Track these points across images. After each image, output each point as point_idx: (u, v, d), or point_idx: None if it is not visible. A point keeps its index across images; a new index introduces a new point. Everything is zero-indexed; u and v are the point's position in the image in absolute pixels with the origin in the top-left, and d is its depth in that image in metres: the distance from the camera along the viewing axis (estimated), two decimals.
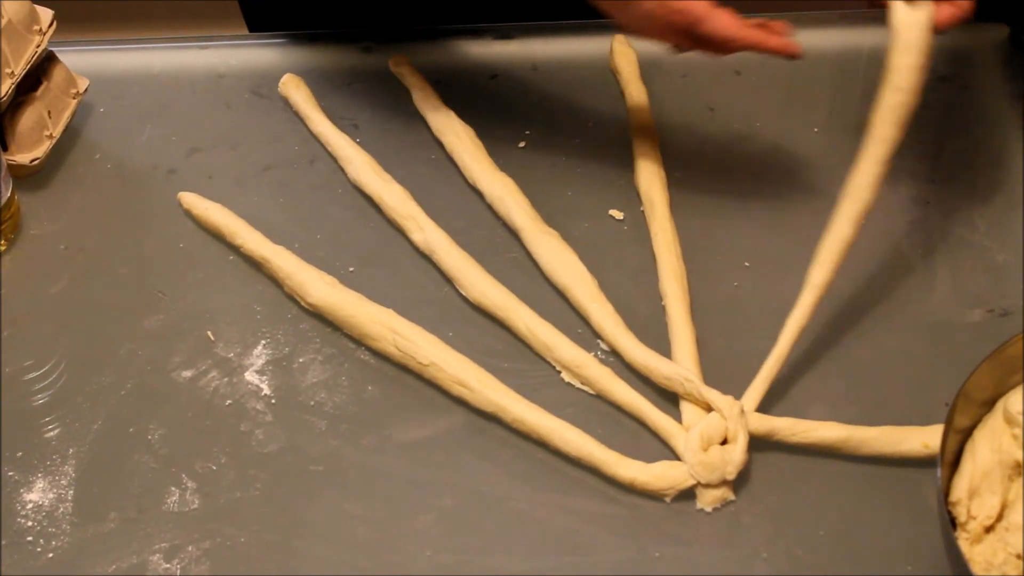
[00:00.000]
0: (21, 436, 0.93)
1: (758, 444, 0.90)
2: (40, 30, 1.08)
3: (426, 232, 1.03)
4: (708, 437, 0.88)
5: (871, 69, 1.18)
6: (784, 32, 0.97)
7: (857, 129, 1.12)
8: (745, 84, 1.17)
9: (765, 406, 0.92)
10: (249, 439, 0.93)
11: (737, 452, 0.88)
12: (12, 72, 1.05)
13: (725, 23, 0.93)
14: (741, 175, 1.10)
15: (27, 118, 1.07)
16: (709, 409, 0.91)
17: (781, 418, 0.91)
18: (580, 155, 1.11)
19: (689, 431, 0.90)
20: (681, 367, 0.93)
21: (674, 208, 1.05)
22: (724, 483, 0.88)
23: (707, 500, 0.88)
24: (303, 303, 0.99)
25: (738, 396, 0.91)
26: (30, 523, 0.89)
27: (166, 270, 1.04)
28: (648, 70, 1.16)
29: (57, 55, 1.12)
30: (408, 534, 0.88)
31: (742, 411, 0.89)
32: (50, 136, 1.09)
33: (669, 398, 0.94)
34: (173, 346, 0.98)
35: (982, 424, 0.84)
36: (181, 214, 1.07)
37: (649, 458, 0.90)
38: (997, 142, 1.11)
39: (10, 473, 0.91)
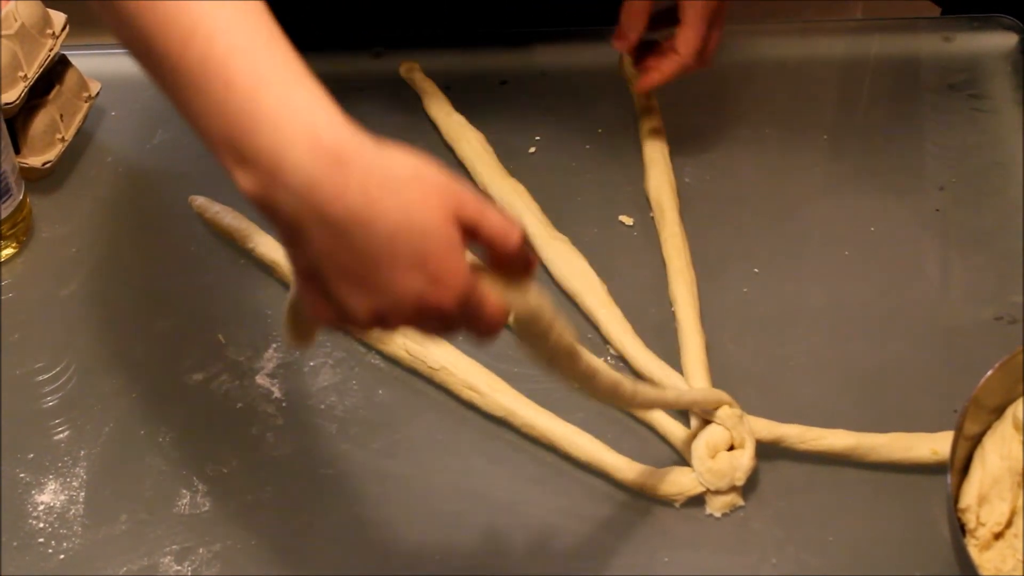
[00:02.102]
0: (32, 438, 0.93)
1: (767, 450, 0.90)
2: (53, 34, 1.09)
3: None
4: (713, 445, 0.88)
5: (879, 75, 1.19)
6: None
7: (865, 136, 1.13)
8: (755, 90, 1.17)
9: (774, 412, 0.92)
10: (260, 442, 0.93)
11: (745, 458, 0.88)
12: (25, 76, 1.05)
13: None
14: (751, 181, 1.10)
15: (39, 122, 1.08)
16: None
17: (790, 425, 0.91)
18: (590, 161, 1.11)
19: (695, 439, 0.90)
20: (680, 378, 0.93)
21: (683, 214, 1.05)
22: (733, 489, 0.88)
23: (716, 506, 0.88)
24: None
25: (746, 402, 0.91)
26: (41, 525, 0.89)
27: (177, 273, 1.04)
28: None
29: (69, 59, 1.12)
30: (418, 538, 0.88)
31: (741, 417, 0.89)
32: (62, 140, 1.10)
33: None
34: (184, 349, 0.99)
35: (992, 431, 0.84)
36: (192, 217, 1.07)
37: (658, 463, 0.90)
38: (1007, 149, 1.11)
39: (21, 475, 0.91)
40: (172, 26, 0.63)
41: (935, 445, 0.89)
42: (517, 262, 0.68)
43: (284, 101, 0.62)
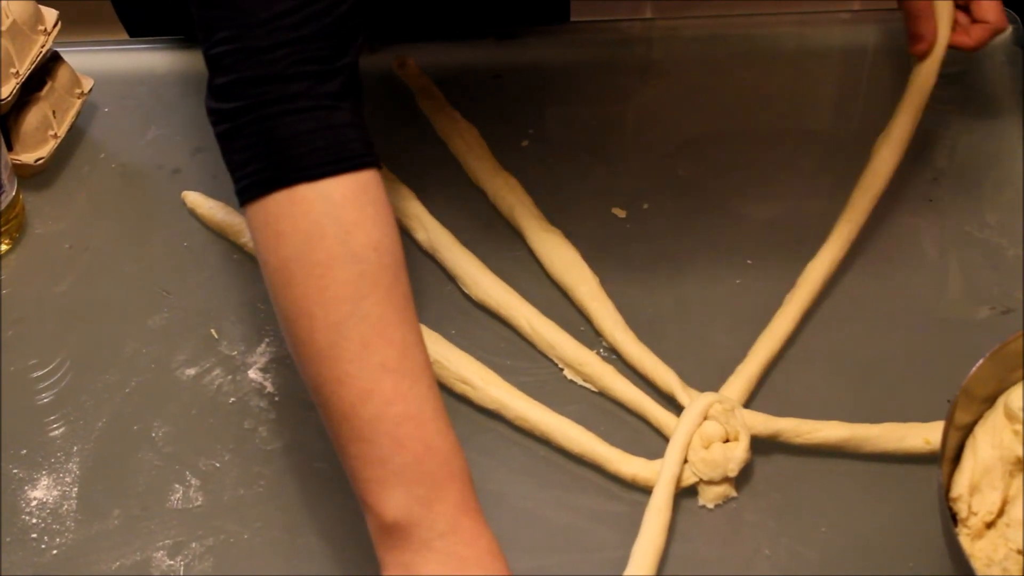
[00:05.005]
0: (26, 434, 0.94)
1: (760, 442, 0.90)
2: (45, 30, 1.09)
3: (429, 231, 1.03)
4: (707, 436, 0.88)
5: (875, 69, 1.19)
6: None
7: (860, 126, 1.13)
8: (750, 80, 1.17)
9: (768, 402, 0.92)
10: (253, 436, 0.93)
11: (739, 450, 0.88)
12: (17, 72, 1.05)
13: None
14: (744, 172, 1.10)
15: (32, 118, 1.08)
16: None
17: (785, 419, 0.91)
18: (582, 154, 1.11)
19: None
20: (670, 371, 0.93)
21: (678, 204, 1.05)
22: (726, 480, 0.88)
23: (709, 497, 0.88)
24: None
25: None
26: (35, 520, 0.89)
27: (170, 269, 1.04)
28: (655, 68, 1.16)
29: (62, 55, 1.12)
30: None
31: (732, 410, 0.89)
32: (55, 136, 1.10)
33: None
34: (177, 344, 0.99)
35: (983, 420, 0.84)
36: (185, 213, 1.07)
37: (651, 455, 0.90)
38: (1002, 140, 1.10)
39: (15, 471, 0.91)
40: (350, 383, 0.74)
41: (927, 435, 0.89)
42: None
43: (445, 465, 0.75)
